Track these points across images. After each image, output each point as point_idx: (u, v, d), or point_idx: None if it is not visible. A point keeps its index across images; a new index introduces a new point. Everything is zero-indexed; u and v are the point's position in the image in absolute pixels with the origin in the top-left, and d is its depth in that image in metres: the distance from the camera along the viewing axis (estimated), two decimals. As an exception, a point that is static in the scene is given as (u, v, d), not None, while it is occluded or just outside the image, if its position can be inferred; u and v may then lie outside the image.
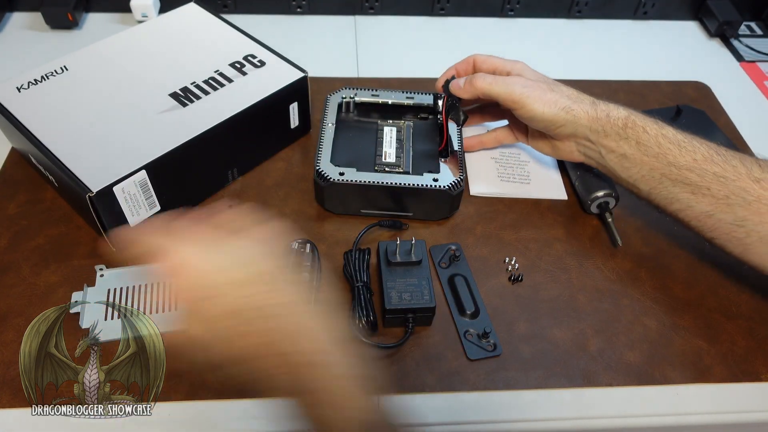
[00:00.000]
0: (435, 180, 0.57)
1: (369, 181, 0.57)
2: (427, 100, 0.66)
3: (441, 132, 0.63)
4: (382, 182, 0.57)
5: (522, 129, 0.63)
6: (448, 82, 0.61)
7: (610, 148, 0.54)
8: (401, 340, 0.51)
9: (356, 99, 0.66)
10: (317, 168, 0.58)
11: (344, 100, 0.66)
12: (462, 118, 0.62)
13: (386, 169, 0.60)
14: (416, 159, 0.62)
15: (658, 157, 0.52)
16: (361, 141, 0.63)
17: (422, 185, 0.57)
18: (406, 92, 0.67)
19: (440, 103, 0.64)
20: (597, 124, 0.54)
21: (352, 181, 0.57)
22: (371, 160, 0.61)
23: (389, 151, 0.61)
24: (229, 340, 0.35)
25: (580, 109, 0.54)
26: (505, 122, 0.66)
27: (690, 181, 0.51)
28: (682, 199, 0.52)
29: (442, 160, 0.60)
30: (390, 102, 0.66)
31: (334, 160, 0.59)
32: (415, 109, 0.67)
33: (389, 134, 0.63)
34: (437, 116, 0.66)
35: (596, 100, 0.56)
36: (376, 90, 0.67)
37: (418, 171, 0.60)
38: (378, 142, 0.63)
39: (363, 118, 0.66)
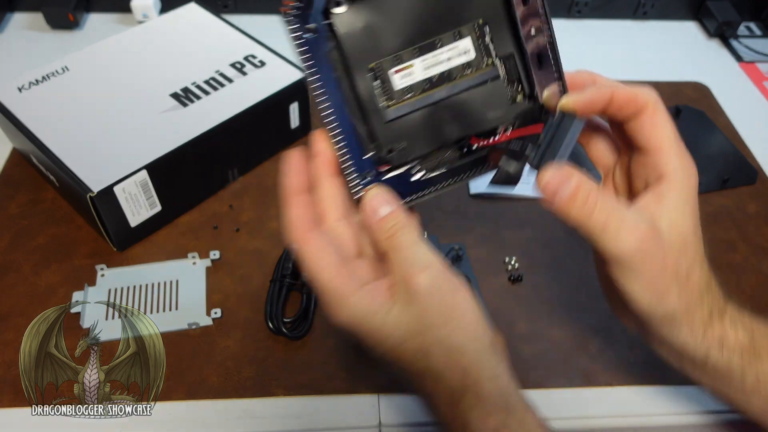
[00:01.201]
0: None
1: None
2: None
3: (491, 132, 0.37)
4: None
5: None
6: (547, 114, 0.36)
7: (703, 378, 0.39)
8: None
9: None
10: None
11: None
12: (510, 173, 0.36)
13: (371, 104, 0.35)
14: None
15: None
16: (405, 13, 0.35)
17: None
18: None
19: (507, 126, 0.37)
20: (698, 351, 0.37)
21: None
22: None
23: (416, 73, 0.35)
24: None
25: (687, 328, 0.36)
26: None
27: None
28: None
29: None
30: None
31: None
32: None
33: (448, 53, 0.36)
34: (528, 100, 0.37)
35: (714, 309, 0.37)
36: None
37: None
38: (423, 48, 0.35)
39: None
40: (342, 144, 0.35)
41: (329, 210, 0.35)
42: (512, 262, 0.58)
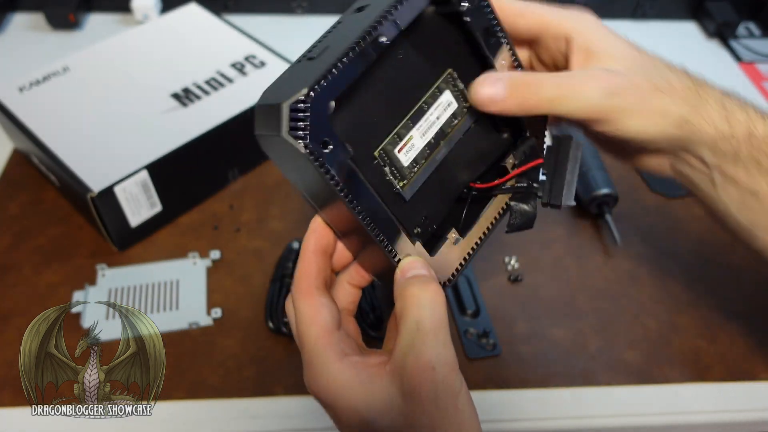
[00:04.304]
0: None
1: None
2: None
3: (492, 171, 0.37)
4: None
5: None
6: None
7: (736, 179, 0.36)
8: None
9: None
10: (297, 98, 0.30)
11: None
12: (525, 215, 0.36)
13: (386, 172, 0.33)
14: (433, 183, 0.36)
15: None
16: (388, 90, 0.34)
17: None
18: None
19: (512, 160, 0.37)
20: (727, 144, 0.35)
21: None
22: (380, 133, 0.34)
23: (416, 143, 0.34)
24: None
25: (703, 122, 0.35)
26: None
27: None
28: None
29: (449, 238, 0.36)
30: None
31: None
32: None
33: (436, 112, 0.35)
34: (519, 139, 0.37)
35: (729, 96, 0.36)
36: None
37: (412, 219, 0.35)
38: (414, 116, 0.34)
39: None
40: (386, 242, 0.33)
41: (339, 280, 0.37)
42: (512, 262, 0.58)
